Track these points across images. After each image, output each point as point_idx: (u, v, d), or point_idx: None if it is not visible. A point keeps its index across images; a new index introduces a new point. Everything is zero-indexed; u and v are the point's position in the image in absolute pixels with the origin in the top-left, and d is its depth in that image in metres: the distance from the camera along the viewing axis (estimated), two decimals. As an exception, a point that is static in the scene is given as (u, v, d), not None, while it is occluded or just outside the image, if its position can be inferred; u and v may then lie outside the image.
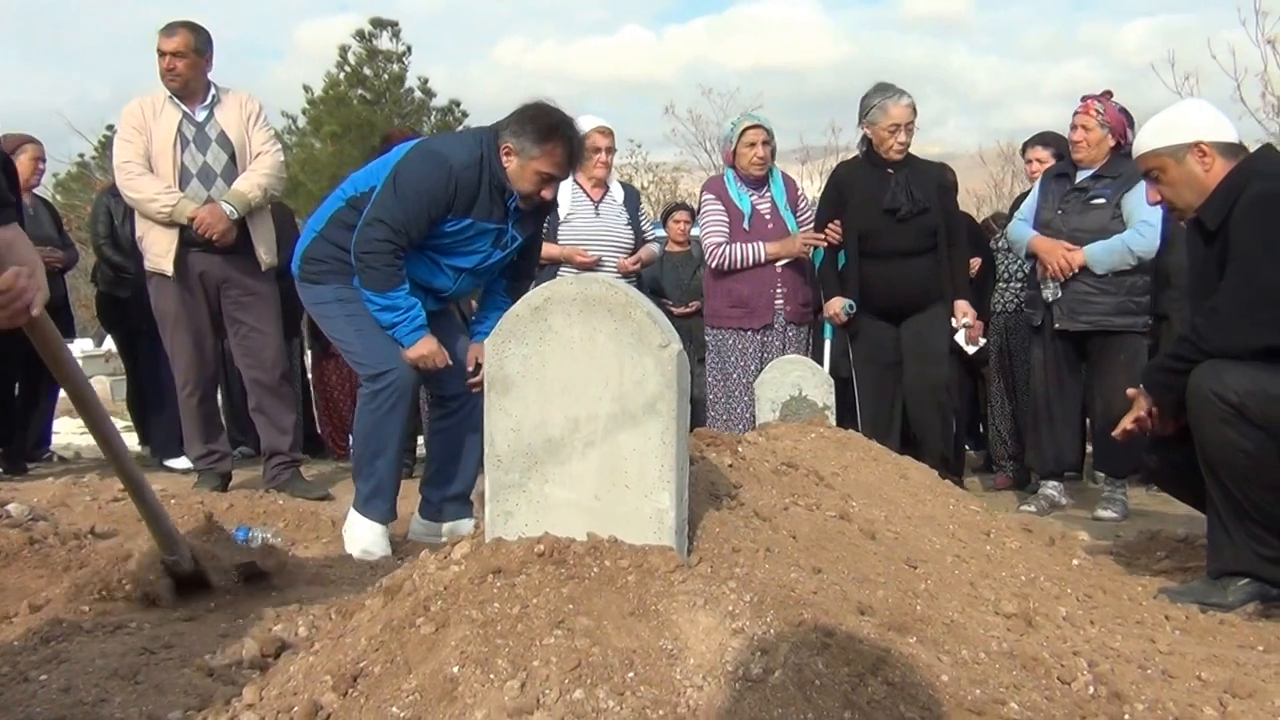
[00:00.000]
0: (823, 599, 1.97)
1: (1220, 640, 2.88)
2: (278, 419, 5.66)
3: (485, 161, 3.86)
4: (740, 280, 5.74)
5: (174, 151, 5.29)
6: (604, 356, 1.89)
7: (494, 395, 1.94)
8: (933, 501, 3.34)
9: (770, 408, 4.14)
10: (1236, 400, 3.10)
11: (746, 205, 5.77)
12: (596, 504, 1.91)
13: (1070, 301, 5.35)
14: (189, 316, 5.42)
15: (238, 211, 5.31)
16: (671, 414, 1.88)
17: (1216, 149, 3.39)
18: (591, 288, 1.90)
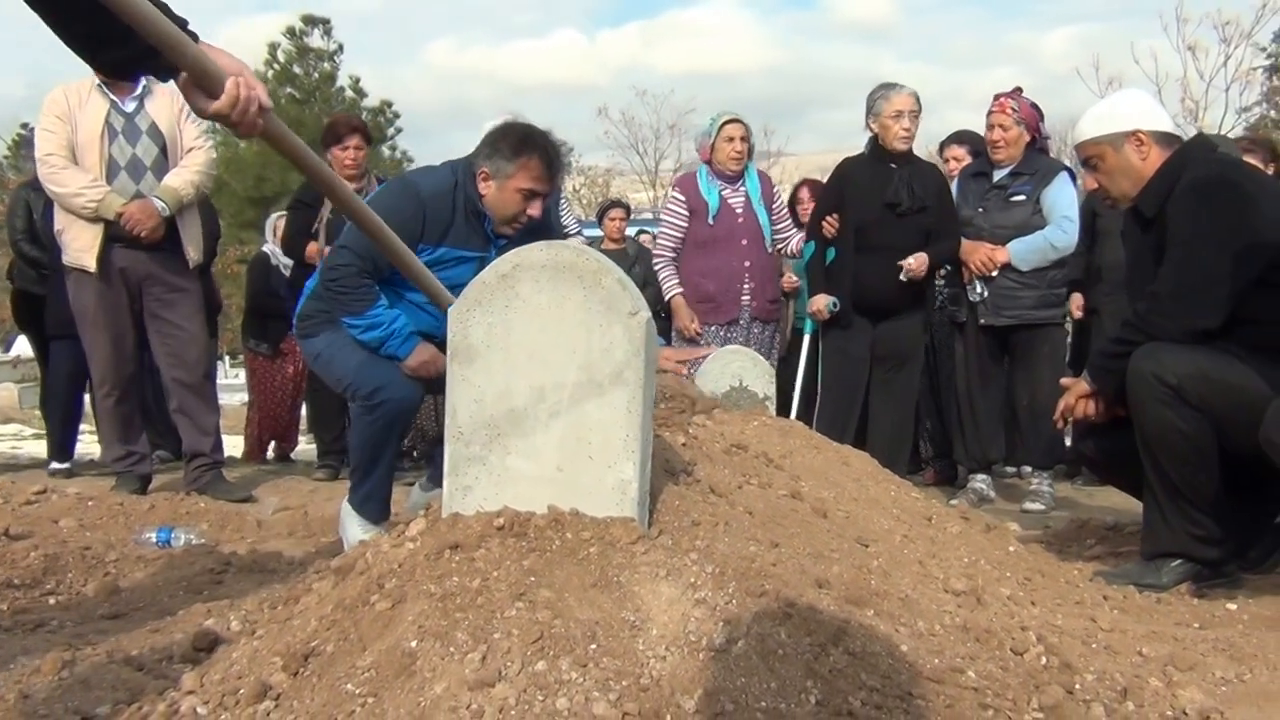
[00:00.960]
0: (782, 572, 1.96)
1: (1158, 618, 2.93)
2: (200, 420, 5.48)
3: (459, 188, 3.77)
4: (708, 276, 5.79)
5: (101, 143, 5.10)
6: (572, 324, 1.86)
7: (456, 365, 1.90)
8: (875, 487, 3.36)
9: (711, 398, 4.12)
10: (1175, 382, 3.16)
11: (715, 199, 5.81)
12: (559, 475, 1.88)
13: (994, 297, 5.47)
14: (108, 314, 5.23)
15: (170, 208, 5.14)
16: (639, 383, 1.85)
17: (1153, 138, 3.45)
18: (562, 254, 1.87)
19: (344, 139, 6.18)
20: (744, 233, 5.83)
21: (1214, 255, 3.20)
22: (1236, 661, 2.51)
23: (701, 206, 5.81)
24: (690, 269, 5.85)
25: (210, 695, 1.81)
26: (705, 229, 5.80)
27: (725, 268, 5.79)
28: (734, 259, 5.80)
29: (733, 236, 5.80)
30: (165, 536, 4.16)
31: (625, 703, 1.55)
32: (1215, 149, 3.60)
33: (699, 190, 5.85)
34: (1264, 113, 28.07)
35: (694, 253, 5.85)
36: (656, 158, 34.50)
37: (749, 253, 5.84)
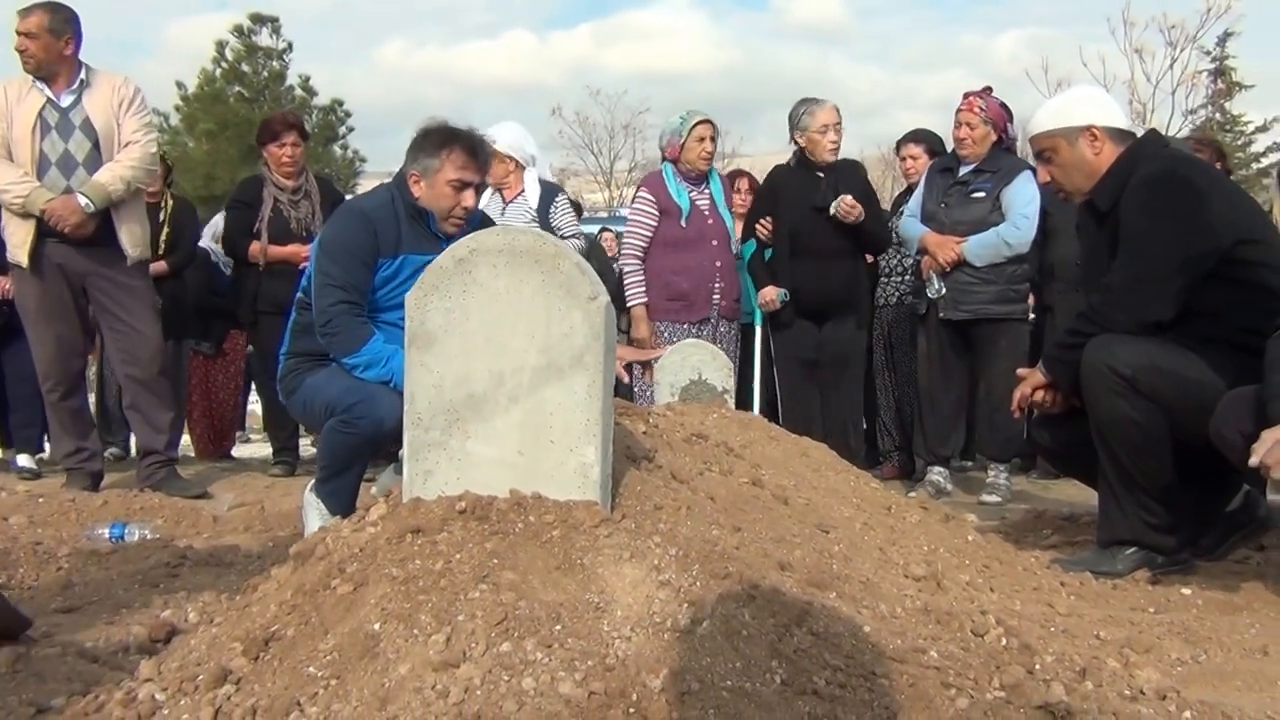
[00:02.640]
0: (745, 555, 1.97)
1: (1114, 603, 2.97)
2: (153, 417, 5.39)
3: (395, 199, 3.84)
4: (680, 274, 5.83)
5: (32, 138, 5.01)
6: (531, 308, 1.85)
7: (414, 351, 1.89)
8: (835, 477, 3.37)
9: (670, 391, 4.13)
10: (1129, 373, 3.20)
11: (685, 201, 5.85)
12: (520, 459, 1.87)
13: (953, 291, 5.52)
14: (50, 310, 5.14)
15: (94, 204, 5.01)
16: (599, 367, 1.85)
17: (1107, 133, 3.49)
18: (519, 239, 1.86)
19: (280, 136, 6.12)
20: (713, 233, 5.90)
21: (1166, 249, 3.25)
22: (1191, 644, 2.54)
23: (672, 208, 5.85)
24: (662, 267, 5.86)
25: (169, 682, 1.78)
26: (677, 230, 5.83)
27: (697, 266, 5.83)
28: (705, 258, 5.85)
29: (703, 238, 5.86)
30: (119, 532, 4.10)
31: (591, 682, 1.55)
32: (1168, 144, 3.65)
33: (668, 192, 5.87)
34: (1209, 115, 28.55)
35: (665, 252, 5.86)
36: (611, 158, 34.48)
37: (719, 253, 5.90)
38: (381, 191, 3.95)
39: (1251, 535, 3.61)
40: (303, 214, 6.10)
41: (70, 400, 5.33)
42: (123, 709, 1.69)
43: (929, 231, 5.59)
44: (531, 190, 5.95)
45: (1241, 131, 29.38)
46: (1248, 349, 3.11)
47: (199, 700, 1.63)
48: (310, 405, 3.93)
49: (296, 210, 6.10)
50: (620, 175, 34.22)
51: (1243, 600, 2.97)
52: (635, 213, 5.95)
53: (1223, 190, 3.34)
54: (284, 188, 6.14)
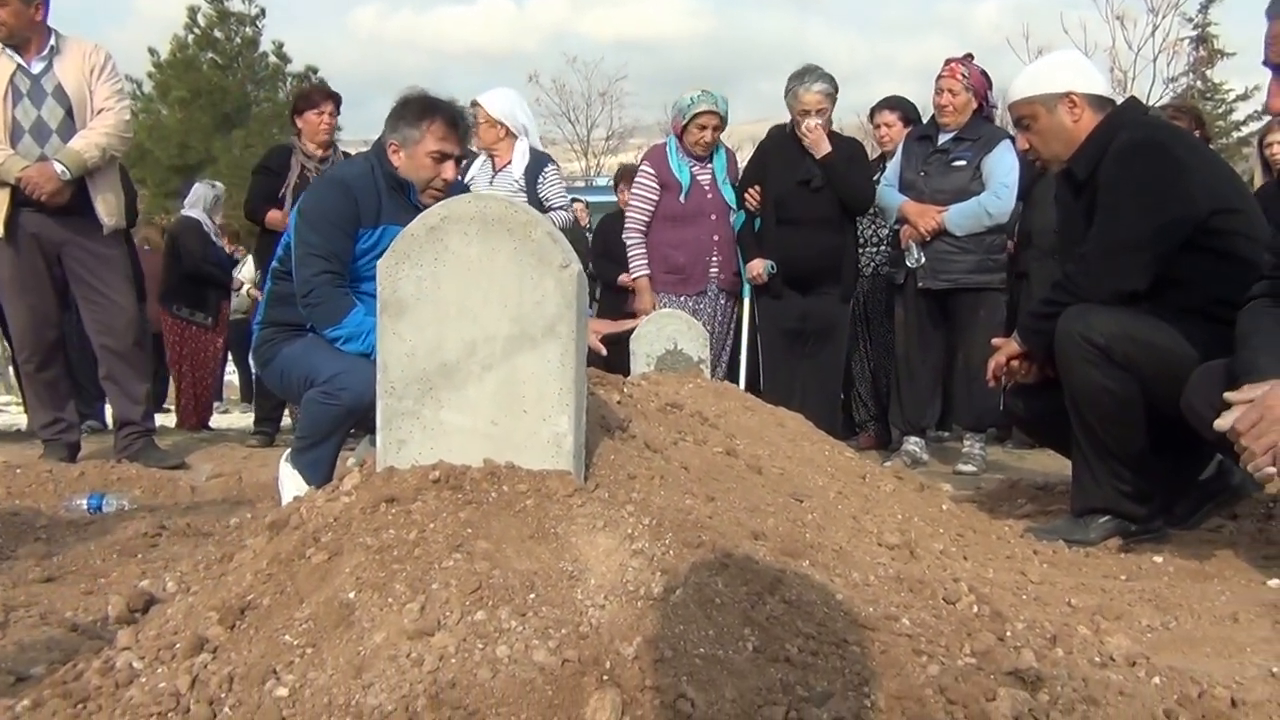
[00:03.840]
0: (718, 524, 1.97)
1: (1086, 571, 2.99)
2: (129, 388, 5.39)
3: (375, 169, 3.83)
4: (679, 249, 5.89)
5: (4, 105, 4.95)
6: (503, 277, 1.84)
7: (386, 319, 1.88)
8: (810, 447, 3.39)
9: (645, 361, 4.13)
10: (1103, 342, 3.21)
11: (686, 177, 5.90)
12: (493, 429, 1.87)
13: (932, 261, 5.53)
14: (24, 280, 5.10)
15: (70, 172, 4.97)
16: (571, 336, 1.84)
17: (1087, 100, 3.48)
18: (491, 206, 1.84)
19: (319, 104, 6.21)
20: (712, 208, 5.96)
21: (1143, 219, 3.25)
22: (1162, 611, 2.57)
23: (673, 183, 5.90)
24: (660, 240, 5.94)
25: (146, 650, 1.78)
26: (676, 205, 5.90)
27: (695, 241, 5.91)
28: (703, 233, 5.92)
29: (702, 212, 5.92)
30: (96, 503, 4.08)
31: (565, 650, 1.55)
32: (1147, 112, 3.65)
33: (670, 167, 5.92)
34: (1191, 83, 28.56)
35: (664, 226, 5.94)
36: (589, 125, 34.28)
37: (717, 228, 5.96)
38: (360, 160, 3.94)
39: (1225, 504, 3.64)
40: None
41: (46, 371, 5.30)
42: (101, 677, 1.68)
43: (908, 200, 5.60)
44: (519, 161, 5.94)
45: (1223, 100, 29.35)
46: (1222, 320, 3.12)
47: (176, 668, 1.63)
48: (287, 376, 3.91)
49: None
50: (597, 144, 34.04)
51: (1214, 568, 3.00)
52: (637, 186, 6.00)
53: (1201, 159, 3.34)
54: (313, 156, 6.16)
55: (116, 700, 1.58)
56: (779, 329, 5.91)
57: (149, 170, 22.95)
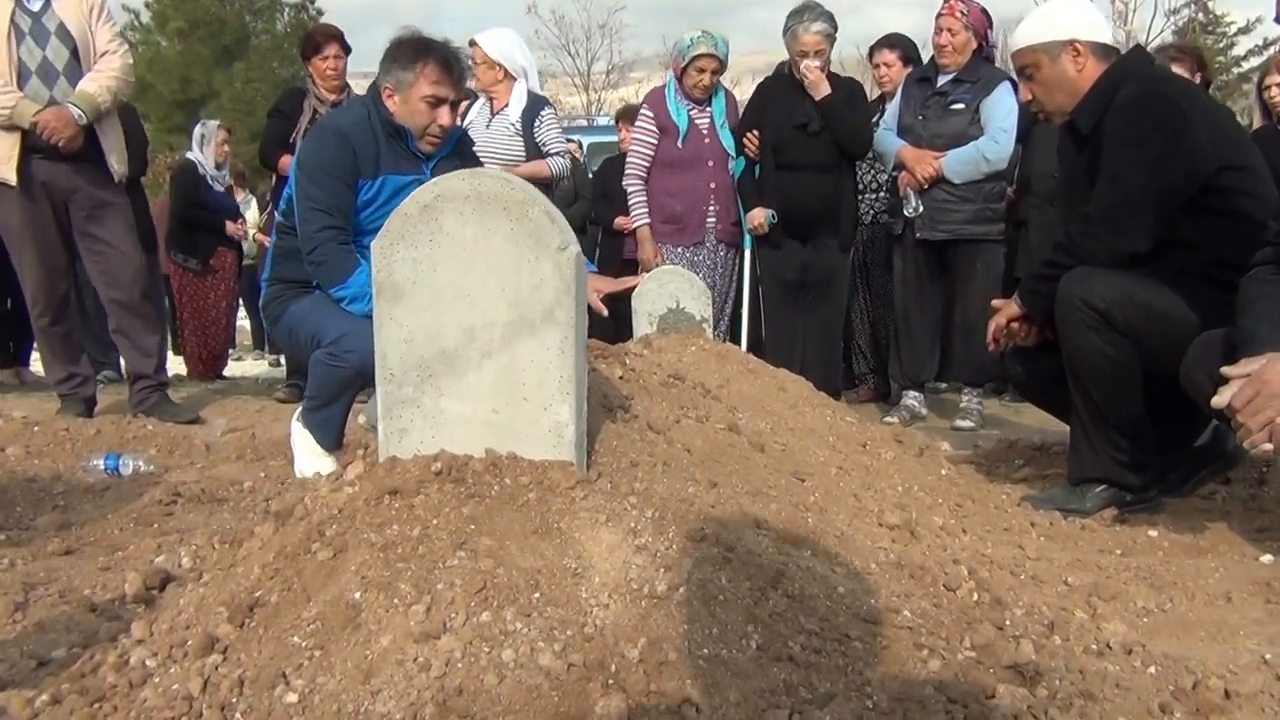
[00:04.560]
0: (721, 513, 1.98)
1: (1082, 545, 3.01)
2: (140, 341, 5.32)
3: (372, 115, 3.75)
4: (675, 196, 5.82)
5: (8, 45, 4.78)
6: (500, 259, 1.81)
7: (383, 304, 1.85)
8: (811, 414, 3.39)
9: (648, 320, 4.11)
10: (1103, 307, 3.17)
11: (684, 121, 5.82)
12: (494, 418, 1.86)
13: (930, 210, 5.43)
14: (36, 230, 4.99)
15: (87, 116, 4.86)
16: (570, 322, 1.82)
17: (1090, 49, 3.40)
18: (485, 184, 1.80)
19: (322, 48, 6.07)
20: (710, 154, 5.86)
21: (1146, 179, 3.20)
22: (1157, 590, 2.59)
23: (670, 127, 5.82)
24: (657, 188, 5.87)
25: (159, 646, 1.79)
26: (674, 150, 5.82)
27: (692, 189, 5.82)
28: (700, 180, 5.83)
29: (700, 158, 5.83)
30: (113, 463, 4.10)
31: (570, 653, 1.56)
32: (1153, 62, 3.58)
33: (668, 110, 5.84)
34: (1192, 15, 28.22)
35: (661, 172, 5.86)
36: (589, 59, 33.85)
37: (714, 175, 5.87)
38: (358, 106, 3.86)
39: (1219, 470, 3.64)
40: None
41: (59, 326, 5.25)
42: (116, 674, 1.70)
43: (906, 146, 5.47)
44: (516, 104, 5.83)
45: (1224, 33, 29.00)
46: (1224, 282, 3.09)
47: (188, 669, 1.64)
48: (295, 334, 3.91)
49: None
50: (598, 78, 33.65)
51: (1208, 542, 3.02)
52: (637, 130, 5.92)
53: (1207, 115, 3.27)
54: (325, 100, 6.07)
55: (131, 701, 1.60)
56: (780, 281, 5.85)
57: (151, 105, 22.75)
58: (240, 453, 4.57)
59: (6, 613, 2.27)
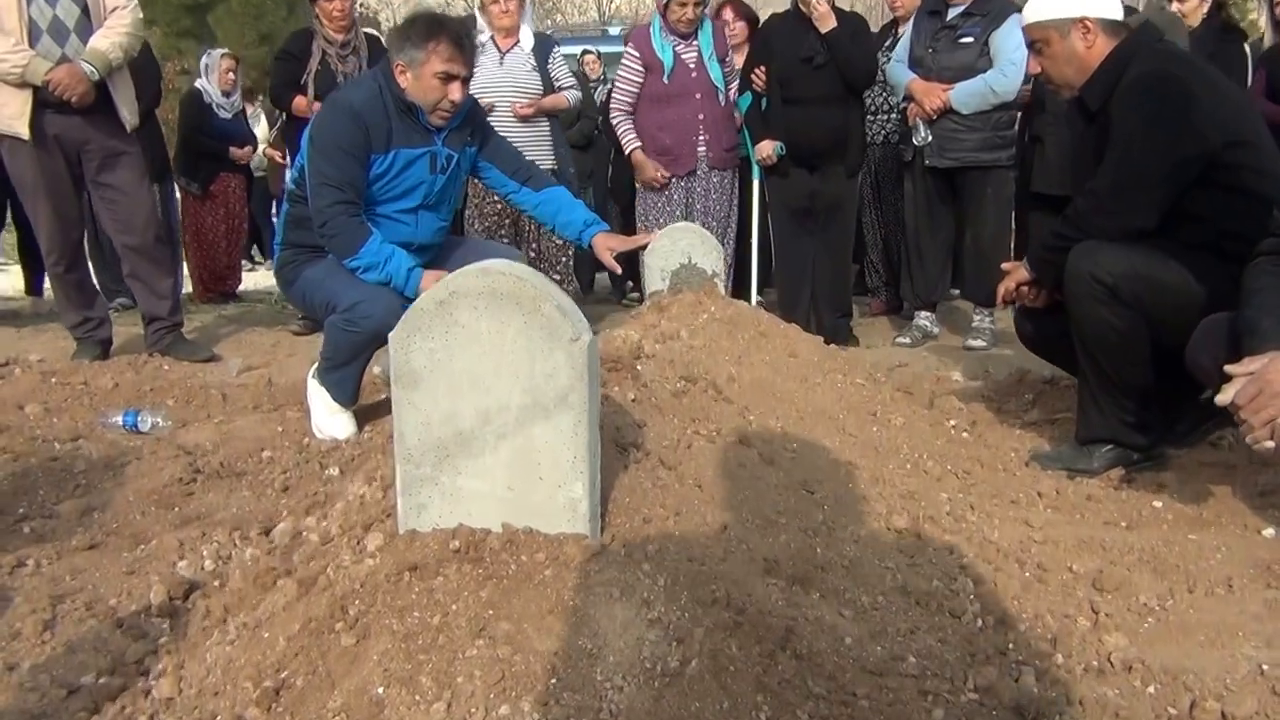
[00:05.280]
0: (731, 566, 2.04)
1: (1089, 517, 3.06)
2: (154, 284, 5.46)
3: (383, 91, 3.83)
4: (664, 129, 5.86)
5: (20, 4, 4.85)
6: (514, 350, 1.85)
7: (401, 390, 1.90)
8: (822, 382, 3.43)
9: (660, 276, 4.13)
10: (1111, 281, 3.21)
11: (669, 57, 5.82)
12: (510, 494, 1.92)
13: (939, 139, 5.50)
14: (49, 182, 5.10)
15: (99, 72, 4.95)
16: (584, 405, 1.87)
17: (1100, 25, 3.39)
18: (499, 282, 1.84)
19: None
20: (697, 87, 5.88)
21: (1154, 156, 3.21)
22: (1160, 576, 2.66)
23: (656, 64, 5.84)
24: (646, 122, 5.91)
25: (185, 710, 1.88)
26: (660, 85, 5.84)
27: (680, 121, 5.86)
28: (688, 112, 5.87)
29: (687, 91, 5.86)
30: (131, 420, 4.22)
31: (586, 746, 1.64)
32: (1162, 37, 3.55)
33: (653, 48, 5.85)
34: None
35: (649, 107, 5.90)
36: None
37: (703, 106, 5.90)
38: (369, 82, 3.93)
39: (1225, 421, 3.68)
40: (350, 68, 6.10)
41: (73, 273, 5.39)
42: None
43: (915, 78, 5.54)
44: (526, 40, 5.93)
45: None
46: (1230, 254, 3.11)
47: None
48: (309, 298, 4.08)
49: (344, 65, 6.11)
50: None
51: (1211, 513, 3.07)
52: (622, 69, 5.94)
53: (1214, 93, 3.25)
54: (333, 41, 6.10)
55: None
56: (788, 208, 5.92)
57: (159, 10, 22.39)
58: (257, 400, 4.68)
59: (35, 633, 2.37)
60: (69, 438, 4.07)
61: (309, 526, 2.48)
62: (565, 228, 4.28)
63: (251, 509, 3.20)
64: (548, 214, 4.31)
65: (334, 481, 3.40)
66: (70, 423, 4.31)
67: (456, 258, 4.25)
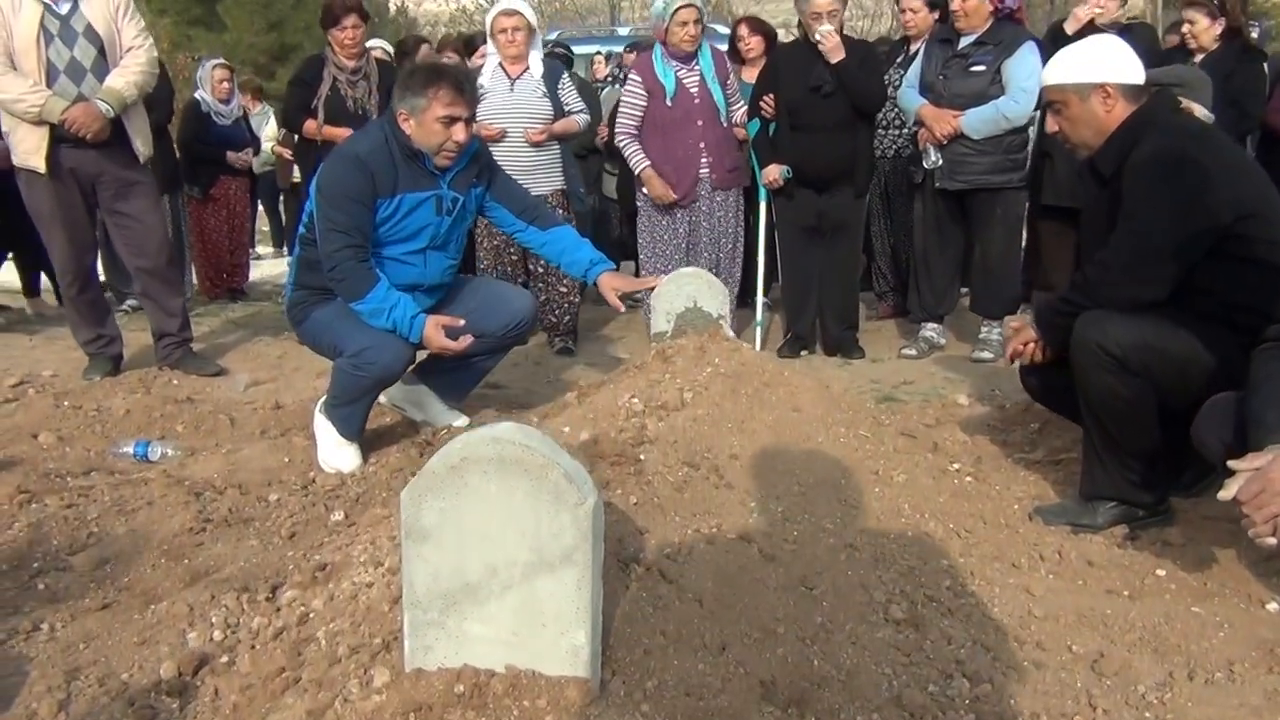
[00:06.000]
0: (729, 696, 2.08)
1: (1090, 585, 3.08)
2: (165, 303, 5.65)
3: (389, 139, 3.94)
4: (666, 160, 5.91)
5: (38, 47, 5.02)
6: (521, 511, 1.90)
7: (411, 543, 1.95)
8: (825, 440, 3.45)
9: (665, 319, 4.16)
10: (1119, 352, 3.22)
11: (671, 81, 5.87)
12: (514, 639, 1.96)
13: (949, 162, 5.57)
14: (65, 212, 5.29)
15: (114, 110, 5.12)
16: (587, 563, 1.92)
17: (1121, 91, 3.40)
18: (508, 450, 1.89)
19: (340, 20, 6.27)
20: (699, 113, 5.94)
21: (1165, 232, 3.23)
22: (1160, 656, 2.68)
23: (658, 88, 5.89)
24: (650, 150, 5.96)
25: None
26: (664, 110, 5.90)
27: (681, 149, 5.92)
28: (690, 138, 5.93)
29: (689, 117, 5.91)
30: (142, 451, 4.36)
31: None
32: (1179, 107, 3.55)
33: (655, 73, 5.90)
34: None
35: (652, 133, 5.95)
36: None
37: (704, 133, 5.95)
38: (375, 131, 4.03)
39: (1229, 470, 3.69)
40: (360, 94, 6.36)
41: (86, 293, 5.58)
42: None
43: (926, 104, 5.61)
44: (536, 65, 6.01)
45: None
46: (1243, 327, 3.14)
47: None
48: (319, 339, 4.25)
49: (354, 90, 6.35)
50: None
51: (1215, 583, 3.09)
52: (625, 95, 6.00)
53: (1225, 166, 3.26)
54: (344, 68, 6.35)
55: None
56: (795, 226, 5.97)
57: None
58: (264, 425, 4.76)
59: (51, 714, 2.41)
60: (81, 471, 4.15)
61: (316, 610, 2.54)
62: (571, 266, 4.34)
63: (259, 561, 3.25)
64: (554, 253, 4.37)
65: (339, 532, 3.46)
66: (83, 453, 4.41)
67: (465, 297, 4.31)
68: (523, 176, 5.82)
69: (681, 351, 3.80)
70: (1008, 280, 5.74)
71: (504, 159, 5.73)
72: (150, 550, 3.41)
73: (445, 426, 4.46)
